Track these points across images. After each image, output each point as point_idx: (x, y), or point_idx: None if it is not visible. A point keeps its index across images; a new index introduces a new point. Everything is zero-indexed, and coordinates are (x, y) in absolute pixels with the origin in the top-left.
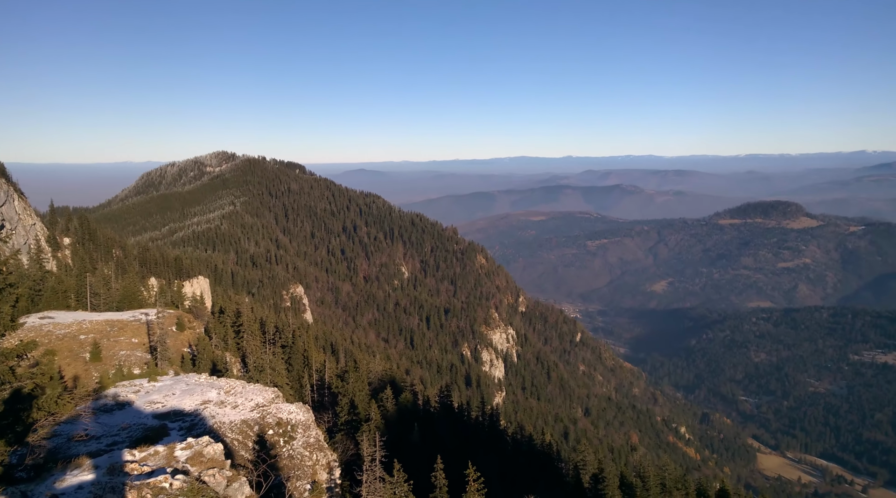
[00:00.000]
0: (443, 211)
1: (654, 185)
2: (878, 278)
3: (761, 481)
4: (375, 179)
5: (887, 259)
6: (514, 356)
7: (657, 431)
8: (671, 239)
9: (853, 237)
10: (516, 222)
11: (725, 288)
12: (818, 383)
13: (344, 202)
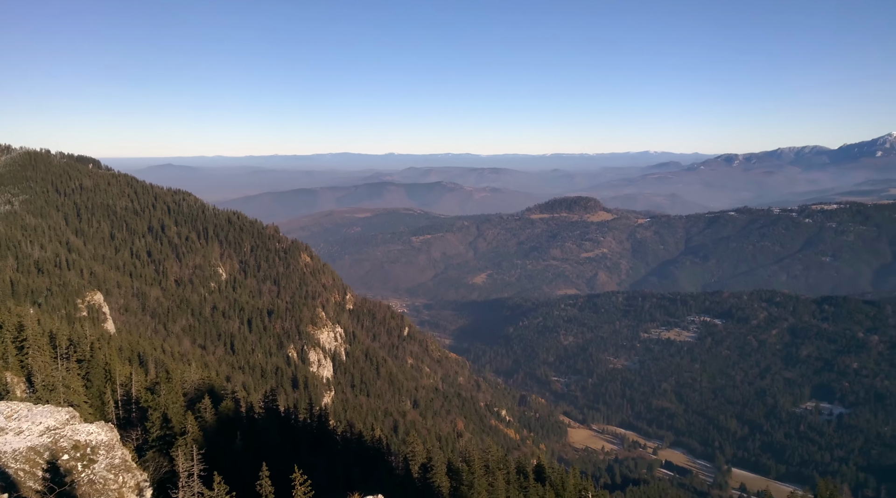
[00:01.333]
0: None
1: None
2: (662, 264)
3: (572, 453)
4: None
5: (668, 247)
6: (343, 354)
7: (481, 416)
8: (489, 233)
9: (641, 228)
10: (341, 219)
11: (538, 278)
12: (616, 360)
13: (149, 200)
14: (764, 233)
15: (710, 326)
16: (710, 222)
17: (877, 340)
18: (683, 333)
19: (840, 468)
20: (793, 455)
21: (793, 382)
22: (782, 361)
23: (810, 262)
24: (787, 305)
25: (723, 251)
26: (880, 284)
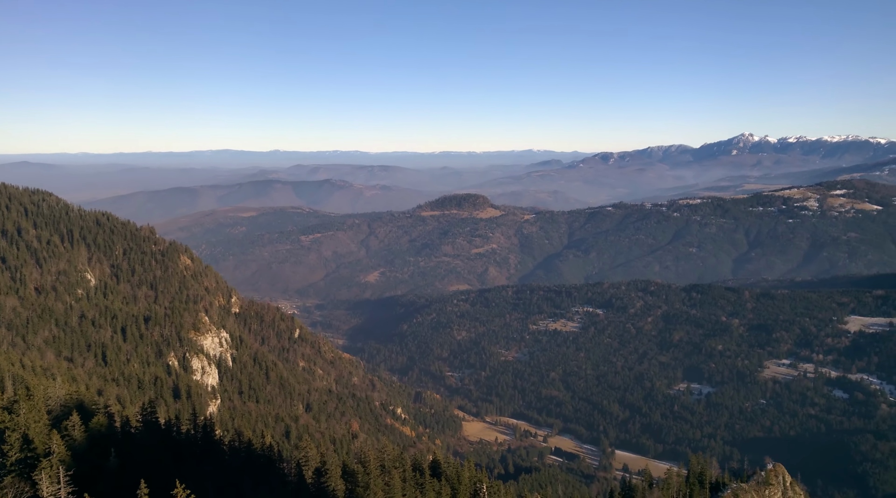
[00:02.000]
0: (136, 209)
1: (362, 179)
2: (547, 258)
3: (467, 447)
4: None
5: (553, 242)
6: (230, 360)
7: (376, 415)
8: (381, 231)
9: (527, 224)
10: (224, 219)
11: (430, 274)
12: (507, 352)
13: (2, 201)
14: (638, 226)
15: (593, 315)
16: (590, 217)
17: (737, 323)
18: (569, 323)
19: (709, 443)
20: (668, 434)
21: (667, 366)
22: (658, 346)
23: (679, 252)
24: (660, 293)
25: (602, 244)
26: (738, 271)
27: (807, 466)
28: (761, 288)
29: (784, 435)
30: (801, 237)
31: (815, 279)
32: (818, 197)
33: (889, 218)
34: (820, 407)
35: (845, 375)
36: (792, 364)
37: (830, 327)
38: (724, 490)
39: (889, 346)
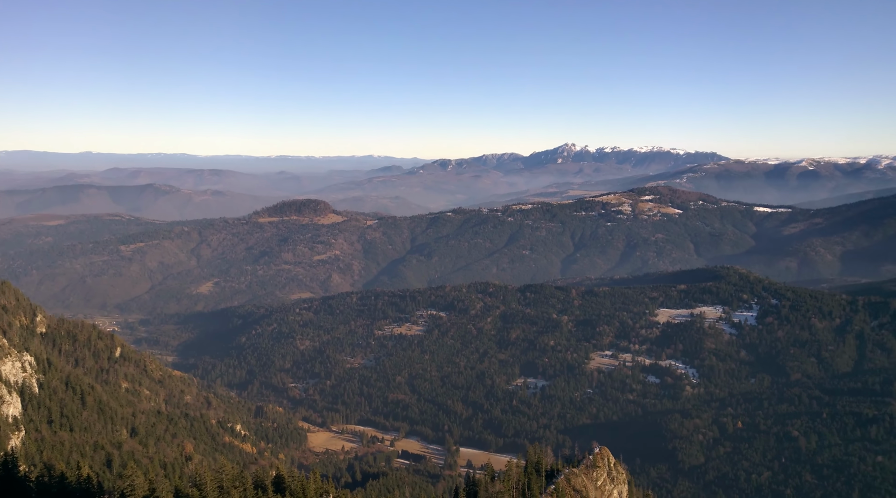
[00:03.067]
0: None
1: (190, 184)
2: (391, 263)
3: (312, 458)
4: None
5: (396, 247)
6: (35, 387)
7: (213, 434)
8: (213, 239)
9: (370, 230)
10: (25, 228)
11: (270, 283)
12: (353, 359)
13: None
14: (477, 231)
15: (437, 318)
16: (432, 222)
17: (566, 320)
18: (414, 327)
19: (545, 434)
20: (508, 428)
21: (506, 363)
22: (497, 344)
23: (514, 255)
24: (498, 294)
25: (444, 249)
26: (566, 271)
27: (627, 447)
28: (586, 286)
29: (608, 420)
30: (618, 239)
31: (631, 276)
32: (631, 202)
33: (688, 220)
34: (637, 392)
35: (657, 362)
36: (613, 355)
37: (644, 320)
38: (558, 476)
39: (691, 334)
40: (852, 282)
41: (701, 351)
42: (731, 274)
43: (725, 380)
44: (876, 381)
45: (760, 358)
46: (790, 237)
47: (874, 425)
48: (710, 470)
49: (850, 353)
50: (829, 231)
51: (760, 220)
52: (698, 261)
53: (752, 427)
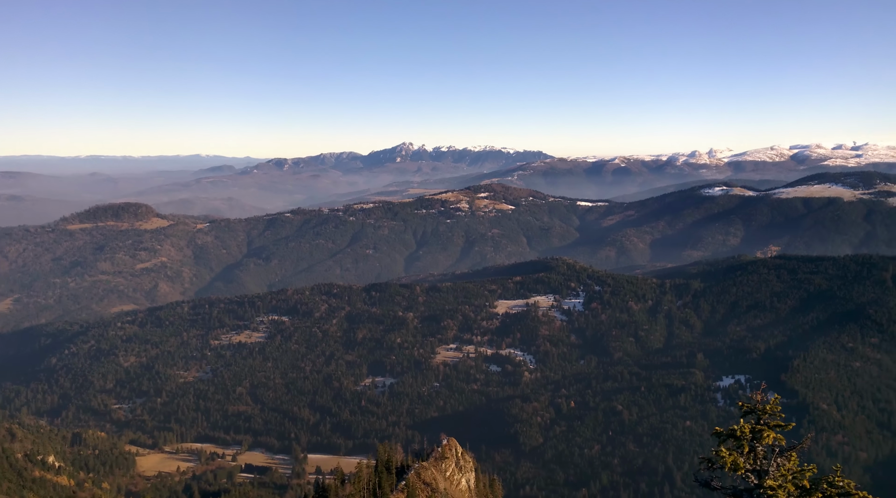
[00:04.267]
0: None
1: None
2: (226, 269)
3: (143, 484)
4: None
5: (231, 251)
6: None
7: (19, 470)
8: (12, 250)
9: (201, 234)
10: None
11: (85, 296)
12: (187, 373)
13: None
14: (318, 231)
15: (279, 323)
16: (269, 224)
17: (412, 316)
18: (254, 334)
19: (394, 431)
20: (358, 429)
21: (353, 364)
22: (343, 346)
23: (358, 255)
24: (343, 295)
25: (283, 251)
26: (410, 269)
27: (474, 435)
28: (430, 282)
29: (455, 411)
30: (458, 235)
31: (471, 271)
32: (468, 200)
33: (520, 216)
34: (481, 382)
35: (498, 352)
36: (458, 348)
37: (484, 312)
38: (408, 471)
39: (527, 323)
40: (660, 267)
41: (537, 338)
42: (560, 265)
43: (559, 363)
44: (682, 354)
45: (588, 341)
46: (608, 228)
47: (683, 394)
48: (549, 449)
49: (661, 331)
50: (641, 222)
51: (583, 214)
52: (531, 253)
53: (584, 405)
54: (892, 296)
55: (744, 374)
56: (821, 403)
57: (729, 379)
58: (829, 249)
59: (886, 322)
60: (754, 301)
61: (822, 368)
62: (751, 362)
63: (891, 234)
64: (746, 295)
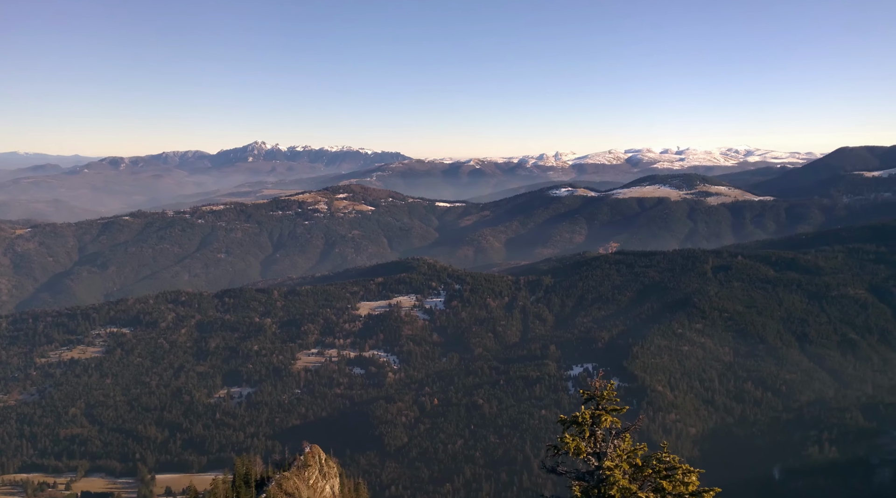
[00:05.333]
0: None
1: None
2: (53, 278)
3: None
4: None
5: (59, 259)
6: None
7: None
8: None
9: (22, 240)
10: None
11: None
12: (7, 397)
13: None
14: (162, 235)
15: (119, 336)
16: (105, 228)
17: (270, 322)
18: (89, 349)
19: (253, 442)
20: (213, 444)
21: (206, 375)
22: (194, 357)
23: (208, 259)
24: (192, 303)
25: (122, 257)
26: (266, 273)
27: (338, 440)
28: (288, 286)
29: (318, 417)
30: (317, 237)
31: (332, 273)
32: (327, 201)
33: (381, 217)
34: (344, 385)
35: (361, 354)
36: (320, 352)
37: (347, 314)
38: (269, 483)
39: (389, 323)
40: (515, 264)
41: (400, 338)
42: (421, 265)
43: (422, 362)
44: (537, 347)
45: (449, 338)
46: (466, 228)
47: (538, 384)
48: (413, 448)
49: (517, 325)
50: (496, 221)
51: (441, 214)
52: (392, 254)
53: (446, 402)
54: (712, 285)
55: (591, 362)
56: (657, 385)
57: (579, 368)
58: (660, 245)
59: (708, 309)
60: (598, 294)
61: (656, 353)
62: (597, 351)
63: (710, 230)
64: (591, 289)
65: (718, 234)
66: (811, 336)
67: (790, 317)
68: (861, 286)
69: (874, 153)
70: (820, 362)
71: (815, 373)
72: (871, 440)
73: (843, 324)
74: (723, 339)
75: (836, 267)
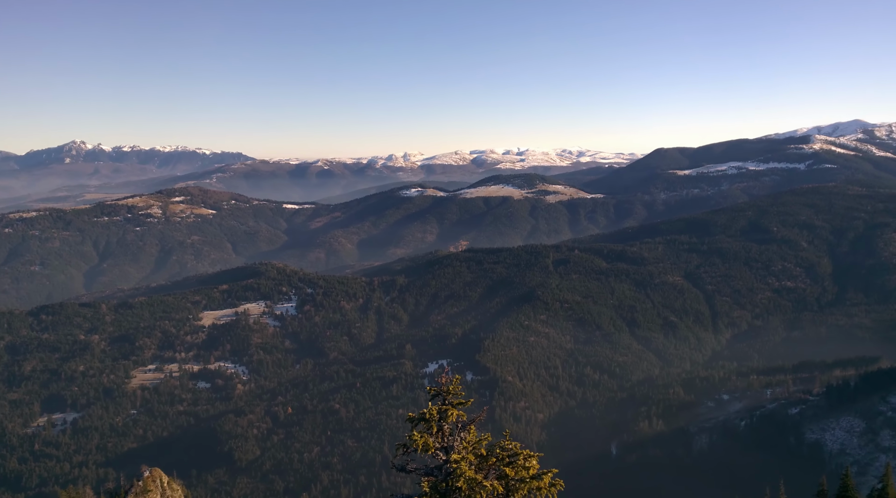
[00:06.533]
0: None
1: None
2: None
3: None
4: None
5: None
6: None
7: None
8: None
9: None
10: None
11: None
12: None
13: None
14: None
15: None
16: None
17: (98, 339)
18: None
19: (82, 472)
20: (31, 478)
21: (20, 403)
22: (5, 383)
23: (20, 273)
24: (1, 322)
25: None
26: (92, 285)
27: (183, 461)
28: (119, 299)
29: (158, 438)
30: (150, 244)
31: (170, 283)
32: (161, 204)
33: (223, 221)
34: (188, 401)
35: (206, 367)
36: (158, 368)
37: (188, 325)
38: None
39: (237, 332)
40: (368, 265)
41: (249, 347)
42: (269, 269)
43: (274, 371)
44: (393, 347)
45: (303, 344)
46: (317, 231)
47: (395, 384)
48: (267, 460)
49: (373, 326)
50: (347, 223)
51: (290, 217)
52: (238, 260)
53: (301, 410)
54: (553, 278)
55: (446, 358)
56: (507, 375)
57: (434, 365)
58: (506, 242)
59: (550, 300)
60: (451, 292)
61: (506, 345)
62: (451, 347)
63: (550, 226)
64: (444, 286)
65: (557, 229)
66: (639, 321)
67: (621, 304)
68: (678, 273)
69: (685, 154)
70: (647, 344)
71: (643, 354)
72: (691, 411)
73: (665, 308)
74: (564, 328)
75: (657, 257)
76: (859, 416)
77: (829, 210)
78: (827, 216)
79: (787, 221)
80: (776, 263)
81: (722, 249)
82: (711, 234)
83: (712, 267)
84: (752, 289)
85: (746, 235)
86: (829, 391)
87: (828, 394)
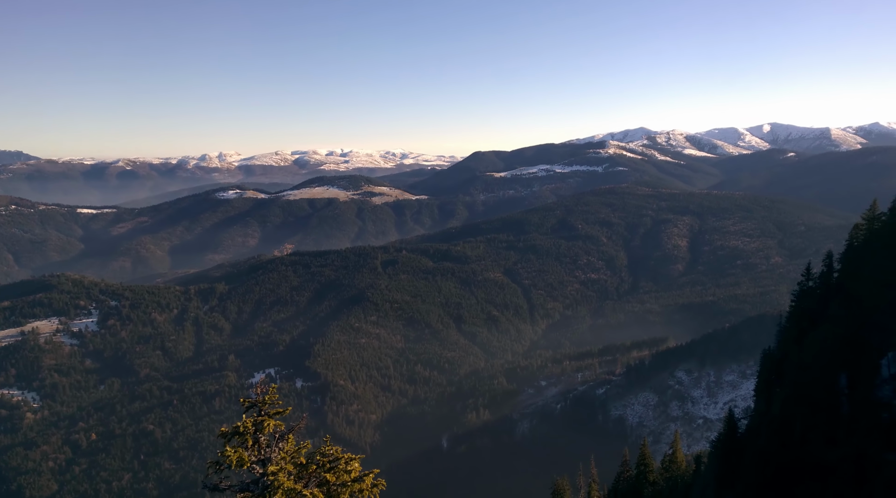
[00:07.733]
0: None
1: None
2: None
3: None
4: None
5: None
6: None
7: None
8: None
9: None
10: None
11: None
12: None
13: None
14: None
15: None
16: None
17: None
18: None
19: None
20: None
21: None
22: None
23: None
24: None
25: None
26: None
27: None
28: None
29: None
30: None
31: None
32: None
33: (2, 228)
34: None
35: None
36: None
37: None
38: None
39: (24, 354)
40: (183, 273)
41: (40, 371)
42: (63, 282)
43: (73, 394)
44: (214, 358)
45: (107, 363)
46: (120, 237)
47: (217, 398)
48: (66, 495)
49: (190, 338)
50: (156, 228)
51: (87, 223)
52: (22, 272)
53: (108, 435)
54: (382, 279)
55: (273, 367)
56: (339, 379)
57: (260, 374)
58: (333, 244)
59: (380, 301)
60: (277, 297)
61: (337, 348)
62: (279, 355)
63: (377, 227)
64: (269, 292)
65: (385, 231)
66: (465, 317)
67: (448, 302)
68: (498, 270)
69: (500, 157)
70: (472, 339)
71: (469, 348)
72: (513, 399)
73: (488, 303)
74: (395, 328)
75: (479, 255)
76: (653, 391)
77: (623, 208)
78: (622, 214)
79: (590, 219)
80: (582, 257)
81: (536, 246)
82: (526, 232)
83: (528, 263)
84: (563, 282)
85: (556, 233)
86: (628, 371)
87: (627, 373)
